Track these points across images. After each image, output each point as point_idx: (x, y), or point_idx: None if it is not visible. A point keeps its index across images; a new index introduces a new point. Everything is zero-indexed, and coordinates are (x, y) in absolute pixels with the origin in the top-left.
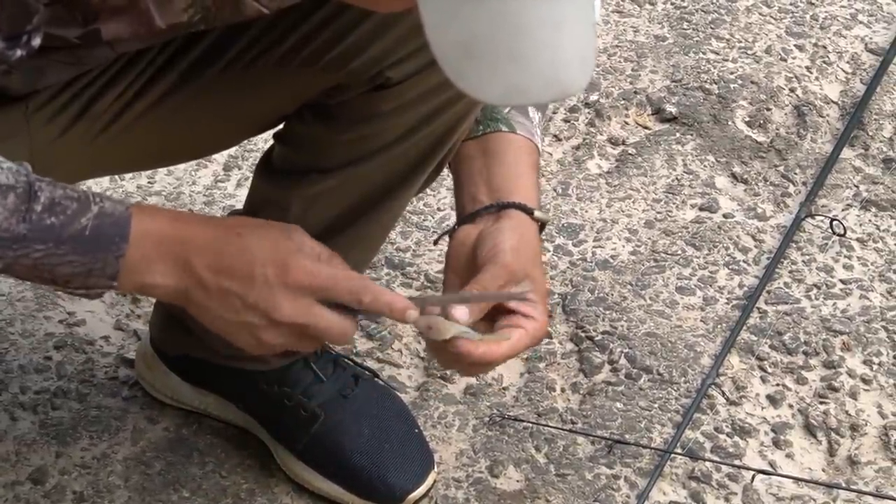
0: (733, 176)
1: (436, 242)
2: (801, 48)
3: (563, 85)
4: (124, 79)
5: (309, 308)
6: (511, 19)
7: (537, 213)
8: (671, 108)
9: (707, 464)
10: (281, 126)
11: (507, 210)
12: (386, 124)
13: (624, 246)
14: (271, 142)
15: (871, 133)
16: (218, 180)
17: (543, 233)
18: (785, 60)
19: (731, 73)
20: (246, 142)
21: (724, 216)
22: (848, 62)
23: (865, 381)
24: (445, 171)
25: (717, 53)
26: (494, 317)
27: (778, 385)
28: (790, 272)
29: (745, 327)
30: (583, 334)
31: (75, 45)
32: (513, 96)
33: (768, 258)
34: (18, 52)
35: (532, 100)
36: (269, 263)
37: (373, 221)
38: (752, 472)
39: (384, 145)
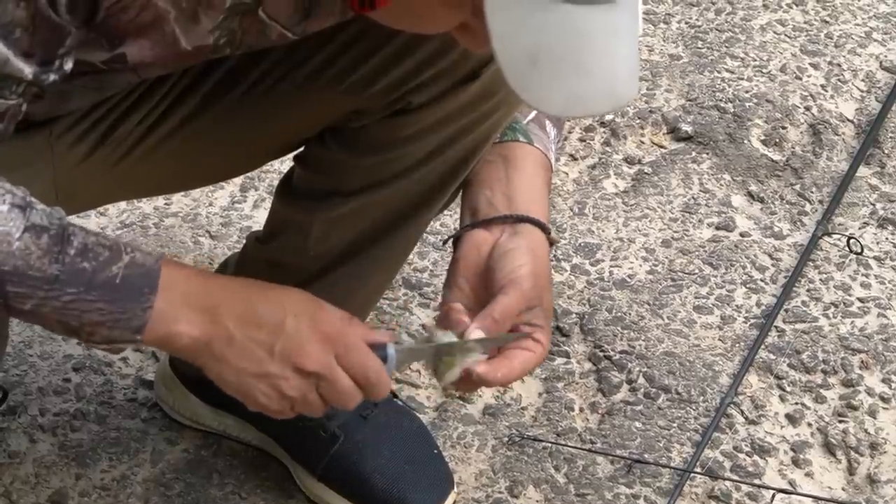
0: (749, 195)
1: (444, 243)
2: (815, 66)
3: (618, 96)
4: (146, 104)
5: (331, 362)
6: (575, 29)
7: (553, 234)
8: (687, 127)
9: (727, 483)
10: (301, 148)
11: (523, 224)
12: (407, 149)
13: (641, 265)
14: (288, 163)
15: (886, 151)
16: (235, 201)
17: (560, 251)
18: (800, 79)
19: (747, 92)
20: None
21: (741, 235)
22: (863, 80)
23: (884, 399)
24: None
25: (732, 72)
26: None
27: (797, 404)
28: (808, 291)
29: (763, 346)
30: (601, 354)
31: (100, 69)
32: (573, 106)
33: (786, 277)
34: (52, 77)
35: (591, 110)
36: (301, 314)
37: (393, 243)
38: (772, 491)
39: (405, 169)
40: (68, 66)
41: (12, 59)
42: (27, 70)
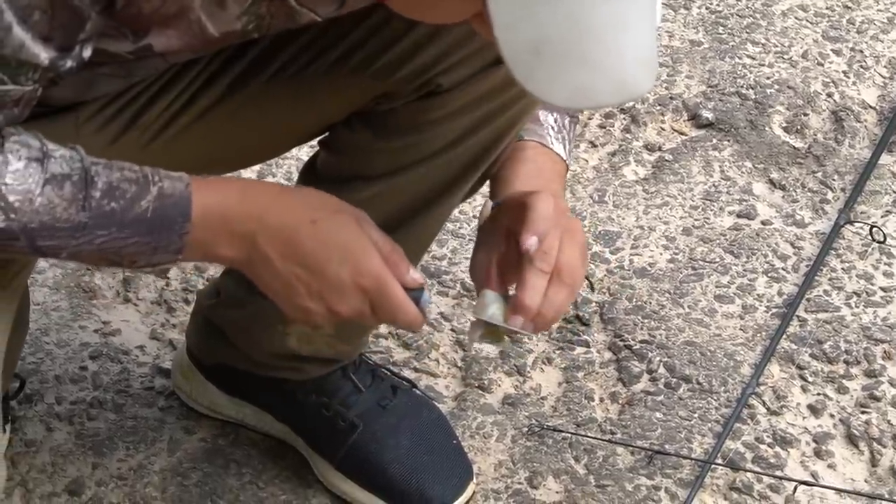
0: (771, 182)
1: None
2: (837, 52)
3: (629, 87)
4: (174, 89)
5: (365, 310)
6: (581, 20)
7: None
8: (707, 114)
9: (748, 474)
10: (326, 133)
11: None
12: (434, 132)
13: (661, 253)
14: (307, 150)
15: None
16: None
17: None
18: (822, 65)
19: (768, 78)
20: None
21: (763, 223)
22: (885, 66)
23: None
24: None
25: (754, 58)
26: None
27: (819, 394)
28: (830, 280)
29: (785, 336)
30: (621, 343)
31: (127, 59)
32: (579, 98)
33: (807, 265)
34: (69, 63)
35: (598, 102)
36: (345, 260)
37: (417, 228)
38: (794, 483)
39: (431, 154)
40: (87, 53)
41: (29, 43)
42: (43, 55)
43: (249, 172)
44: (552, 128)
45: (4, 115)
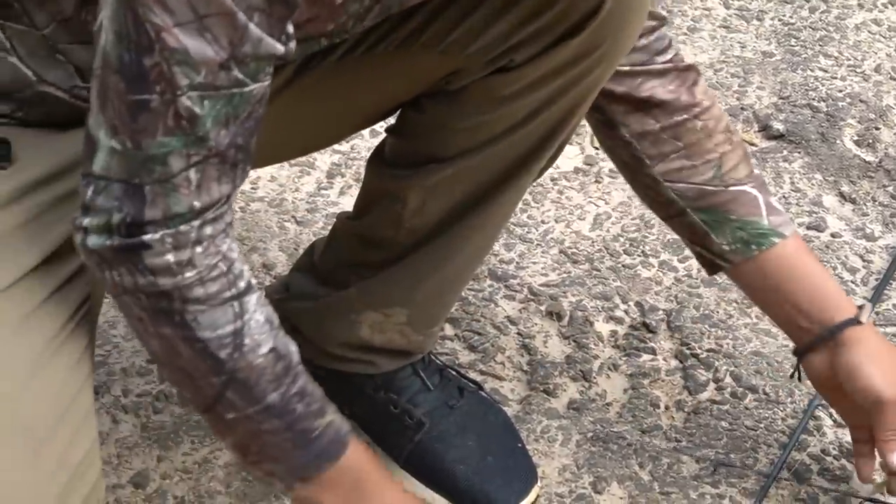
0: (841, 195)
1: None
2: None
3: None
4: None
5: None
6: None
7: (863, 318)
8: (778, 126)
9: (814, 487)
10: (394, 120)
11: (841, 334)
12: (506, 109)
13: None
14: (374, 147)
15: None
16: (321, 187)
17: (647, 247)
18: (894, 79)
19: (840, 91)
20: (349, 149)
21: (832, 235)
22: None
23: None
24: (547, 180)
25: (826, 71)
26: None
27: None
28: None
29: None
30: (687, 351)
31: None
32: None
33: (877, 279)
34: (291, 45)
35: None
36: None
37: (491, 209)
38: (860, 498)
39: (503, 131)
40: (291, 29)
41: (266, 38)
42: (279, 45)
43: (319, 172)
44: (772, 200)
45: (255, 119)
